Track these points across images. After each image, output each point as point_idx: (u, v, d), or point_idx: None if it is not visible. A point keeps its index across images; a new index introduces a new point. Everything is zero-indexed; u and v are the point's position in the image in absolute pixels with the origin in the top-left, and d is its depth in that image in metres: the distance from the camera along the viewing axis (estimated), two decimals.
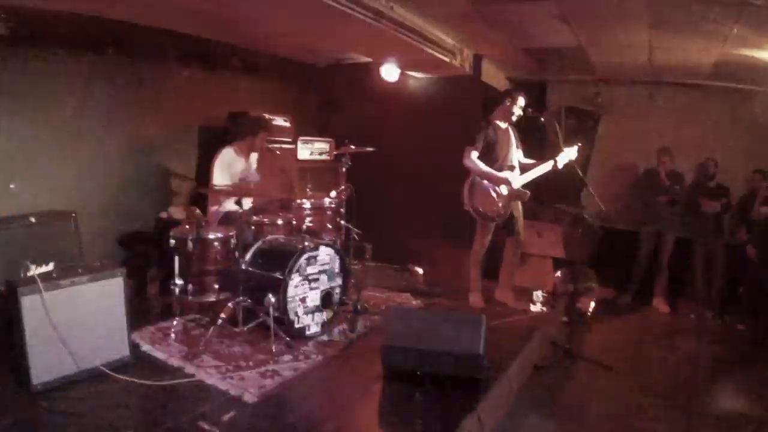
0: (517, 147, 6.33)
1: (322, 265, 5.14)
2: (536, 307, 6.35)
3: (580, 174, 6.07)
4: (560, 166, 6.13)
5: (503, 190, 6.07)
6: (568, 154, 6.11)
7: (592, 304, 7.24)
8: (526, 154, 6.43)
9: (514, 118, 6.13)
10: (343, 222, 6.37)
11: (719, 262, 7.80)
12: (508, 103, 6.10)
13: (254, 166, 6.13)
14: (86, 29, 5.69)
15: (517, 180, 6.14)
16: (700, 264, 7.92)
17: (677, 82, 8.32)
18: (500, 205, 6.08)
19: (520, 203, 6.32)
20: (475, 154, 5.99)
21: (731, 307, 7.71)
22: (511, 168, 6.17)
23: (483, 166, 5.98)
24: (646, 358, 6.31)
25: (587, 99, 8.86)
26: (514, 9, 5.79)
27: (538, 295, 6.46)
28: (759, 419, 4.98)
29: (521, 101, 6.08)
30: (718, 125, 8.32)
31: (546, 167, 6.17)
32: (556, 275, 7.38)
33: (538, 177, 6.21)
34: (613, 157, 8.97)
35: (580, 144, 6.35)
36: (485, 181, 6.05)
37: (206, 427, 3.45)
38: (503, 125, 6.18)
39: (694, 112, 8.46)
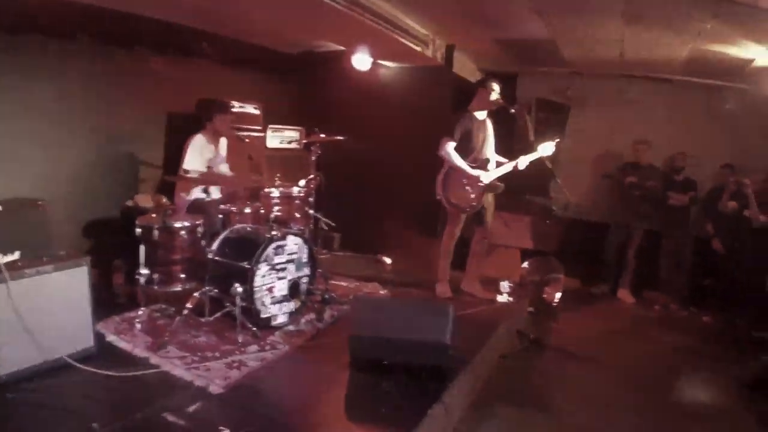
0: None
1: (290, 254, 5.12)
2: (503, 298, 6.40)
3: (549, 166, 6.10)
4: (521, 167, 6.16)
5: (477, 182, 6.09)
6: (544, 149, 6.12)
7: (559, 295, 7.31)
8: (496, 146, 6.44)
9: (493, 107, 6.12)
10: (311, 211, 6.35)
11: (686, 255, 7.94)
12: (482, 91, 6.09)
13: (223, 153, 6.08)
14: (56, 15, 5.58)
15: (491, 173, 6.16)
16: (667, 256, 8.05)
17: (649, 77, 8.40)
18: (473, 196, 6.10)
19: (491, 195, 6.35)
20: (451, 146, 5.99)
21: (697, 300, 7.85)
22: (486, 161, 6.18)
23: (458, 159, 5.99)
24: (612, 348, 6.39)
25: (558, 91, 8.92)
26: (487, 0, 5.79)
27: (505, 285, 6.51)
28: (723, 410, 5.09)
29: (496, 87, 6.06)
30: (689, 120, 8.42)
31: (508, 167, 6.18)
32: (523, 266, 7.45)
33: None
34: (583, 149, 9.04)
35: (558, 139, 6.37)
36: (459, 173, 6.07)
37: (171, 418, 3.43)
38: (481, 116, 6.18)
39: (665, 107, 8.56)
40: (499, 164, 6.24)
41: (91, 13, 5.80)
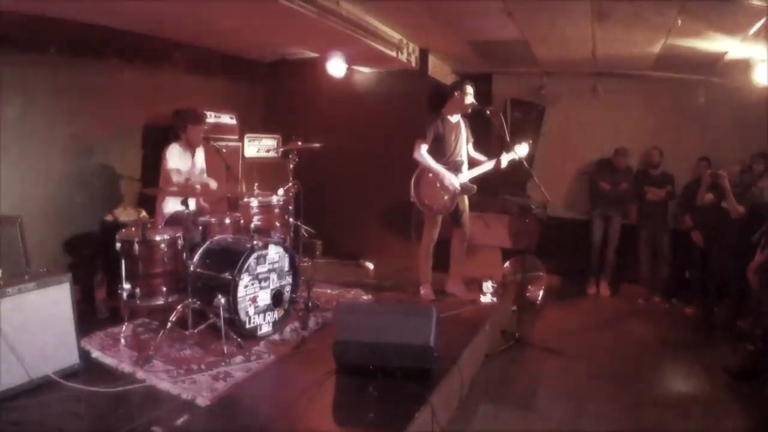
0: (468, 141, 6.40)
1: (272, 263, 5.13)
2: (486, 298, 6.42)
3: (526, 165, 6.15)
4: (504, 165, 6.21)
5: (449, 185, 6.13)
6: (518, 151, 6.17)
7: (541, 293, 7.38)
8: (474, 147, 6.48)
9: (468, 110, 6.16)
10: (291, 219, 6.36)
11: (665, 248, 8.03)
12: (457, 95, 6.13)
13: (202, 164, 6.05)
14: (27, 28, 5.55)
15: (464, 175, 6.21)
16: (646, 250, 8.14)
17: (621, 74, 8.48)
18: (446, 198, 6.14)
19: (466, 196, 6.40)
20: (424, 148, 6.04)
21: (679, 292, 7.95)
22: (460, 163, 6.23)
23: (431, 162, 6.04)
24: (596, 343, 6.46)
25: (532, 91, 8.99)
26: (458, 3, 5.83)
27: (487, 285, 6.54)
28: (707, 400, 5.15)
29: (470, 90, 6.11)
30: (663, 115, 8.54)
31: (489, 165, 6.25)
32: (505, 265, 7.50)
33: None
34: (558, 147, 9.13)
35: (530, 141, 6.44)
36: (431, 175, 6.11)
37: (159, 431, 3.43)
38: (454, 119, 6.22)
39: (639, 103, 8.67)
40: (478, 163, 6.30)
41: (59, 26, 5.77)
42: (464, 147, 6.33)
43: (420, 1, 5.76)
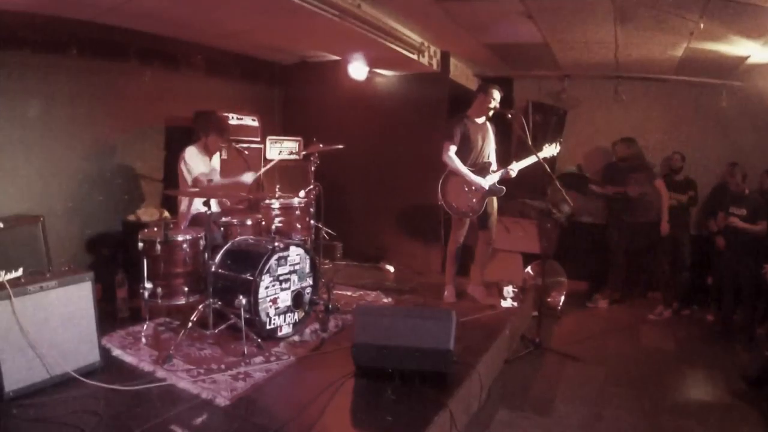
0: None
1: (293, 265, 5.14)
2: (506, 302, 6.39)
3: (547, 169, 6.11)
4: (513, 174, 6.16)
5: (477, 187, 6.10)
6: (548, 151, 6.18)
7: (562, 298, 7.33)
8: (495, 151, 6.46)
9: (491, 113, 6.14)
10: (312, 221, 6.37)
11: (685, 254, 7.92)
12: (482, 97, 6.11)
13: (217, 167, 6.07)
14: (49, 30, 5.63)
15: (492, 176, 6.17)
16: (667, 256, 8.05)
17: (643, 77, 8.42)
18: (474, 200, 6.11)
19: (495, 199, 6.37)
20: (453, 149, 6.02)
21: (700, 298, 7.85)
22: (487, 165, 6.20)
23: (459, 165, 6.01)
24: (615, 349, 6.41)
25: (553, 95, 8.94)
26: (478, 6, 5.81)
27: (508, 290, 6.50)
28: (725, 407, 5.09)
29: (496, 94, 6.09)
30: (685, 119, 8.46)
31: (501, 173, 6.18)
32: (525, 270, 7.46)
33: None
34: (578, 151, 9.07)
35: (561, 140, 6.38)
36: (459, 177, 6.08)
37: (178, 430, 3.44)
38: (480, 120, 6.20)
39: (661, 106, 8.59)
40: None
41: (80, 28, 5.85)
42: (492, 148, 6.30)
43: (440, 3, 5.75)
